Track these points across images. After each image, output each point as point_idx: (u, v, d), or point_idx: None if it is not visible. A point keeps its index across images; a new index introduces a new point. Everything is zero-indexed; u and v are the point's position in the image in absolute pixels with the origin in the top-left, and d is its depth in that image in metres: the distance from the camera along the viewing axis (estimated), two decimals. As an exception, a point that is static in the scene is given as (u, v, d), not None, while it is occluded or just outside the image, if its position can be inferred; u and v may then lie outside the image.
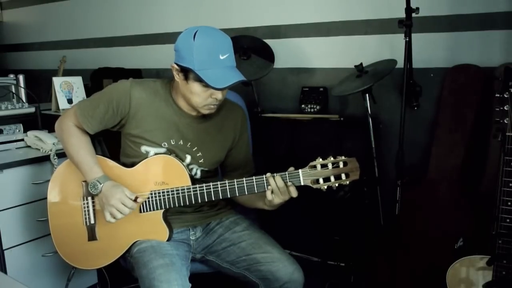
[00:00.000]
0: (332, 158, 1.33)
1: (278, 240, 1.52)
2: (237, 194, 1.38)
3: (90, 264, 1.53)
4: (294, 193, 1.34)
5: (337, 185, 1.32)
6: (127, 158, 1.51)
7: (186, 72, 1.36)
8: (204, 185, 1.40)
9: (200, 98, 1.38)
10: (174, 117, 1.47)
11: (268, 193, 1.34)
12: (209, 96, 1.38)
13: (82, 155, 1.45)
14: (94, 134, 1.50)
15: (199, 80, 1.33)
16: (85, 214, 1.49)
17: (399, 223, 1.82)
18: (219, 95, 1.38)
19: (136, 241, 1.45)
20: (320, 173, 1.32)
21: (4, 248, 1.74)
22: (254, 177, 1.36)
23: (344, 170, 1.32)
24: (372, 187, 2.10)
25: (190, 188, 1.41)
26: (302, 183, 1.33)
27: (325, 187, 1.32)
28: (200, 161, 1.52)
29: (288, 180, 1.33)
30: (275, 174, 1.34)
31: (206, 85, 1.32)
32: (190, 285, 1.34)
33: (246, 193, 1.37)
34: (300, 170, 1.33)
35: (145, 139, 1.46)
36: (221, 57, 1.32)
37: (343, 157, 1.33)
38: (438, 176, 1.95)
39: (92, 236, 1.48)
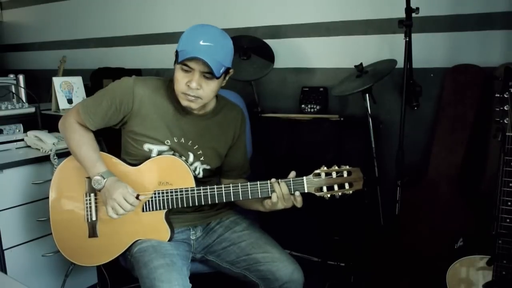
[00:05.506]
0: (336, 167, 1.35)
1: (278, 240, 1.52)
2: (241, 198, 1.38)
3: (89, 261, 1.53)
4: (299, 203, 1.36)
5: (340, 194, 1.34)
6: (129, 156, 1.51)
7: (176, 58, 1.37)
8: (208, 187, 1.40)
9: (180, 84, 1.37)
10: (176, 115, 1.47)
11: (274, 196, 1.35)
12: (186, 83, 1.36)
13: (85, 151, 1.45)
14: (95, 132, 1.50)
15: (178, 62, 1.34)
16: (87, 211, 1.48)
17: (399, 223, 1.82)
18: (192, 83, 1.34)
19: (137, 241, 1.45)
20: (324, 181, 1.34)
21: (4, 248, 1.74)
22: (258, 182, 1.37)
23: (348, 180, 1.34)
24: (372, 187, 2.10)
25: (194, 190, 1.41)
26: (306, 190, 1.35)
27: (328, 195, 1.34)
28: (201, 158, 1.52)
29: (292, 187, 1.34)
30: (280, 180, 1.34)
31: (183, 67, 1.33)
32: (191, 285, 1.34)
33: (250, 197, 1.37)
34: (304, 178, 1.35)
35: (148, 137, 1.46)
36: (201, 43, 1.31)
37: (347, 167, 1.35)
38: (438, 176, 1.95)
39: (93, 233, 1.48)
